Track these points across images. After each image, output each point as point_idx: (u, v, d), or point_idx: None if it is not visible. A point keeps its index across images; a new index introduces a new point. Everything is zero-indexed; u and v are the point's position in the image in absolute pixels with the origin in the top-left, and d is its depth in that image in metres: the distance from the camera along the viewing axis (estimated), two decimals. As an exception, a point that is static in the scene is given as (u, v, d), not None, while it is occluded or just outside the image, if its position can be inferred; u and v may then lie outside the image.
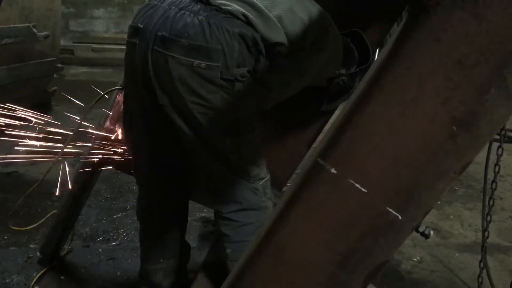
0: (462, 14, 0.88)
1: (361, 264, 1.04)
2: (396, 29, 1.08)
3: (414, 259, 2.67)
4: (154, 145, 1.82)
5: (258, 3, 1.58)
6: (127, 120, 1.87)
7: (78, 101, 2.53)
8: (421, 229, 1.33)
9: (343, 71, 1.99)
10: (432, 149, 0.94)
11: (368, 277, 1.05)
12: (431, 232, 1.09)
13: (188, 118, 1.62)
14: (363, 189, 0.98)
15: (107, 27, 8.77)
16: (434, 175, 0.96)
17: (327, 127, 2.14)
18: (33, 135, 2.26)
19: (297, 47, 1.65)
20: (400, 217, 0.99)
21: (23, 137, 2.23)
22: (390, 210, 0.99)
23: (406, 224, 1.01)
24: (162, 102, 1.63)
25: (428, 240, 1.62)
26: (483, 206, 1.72)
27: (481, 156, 1.57)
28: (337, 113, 1.82)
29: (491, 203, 1.56)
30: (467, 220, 3.14)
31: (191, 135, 1.65)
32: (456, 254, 2.74)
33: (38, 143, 2.24)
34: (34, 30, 4.43)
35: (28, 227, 2.65)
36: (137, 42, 1.63)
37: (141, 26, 1.62)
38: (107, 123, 2.24)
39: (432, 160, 0.95)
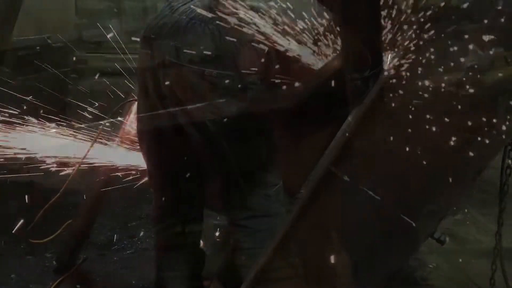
0: (470, 22, 0.88)
1: (375, 271, 1.03)
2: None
3: (430, 266, 2.64)
4: (166, 153, 1.83)
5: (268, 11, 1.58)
6: (140, 129, 1.88)
7: (93, 111, 2.56)
8: (436, 235, 1.32)
9: (356, 75, 1.98)
10: (445, 156, 0.94)
11: (382, 284, 1.05)
12: (447, 238, 1.08)
13: (200, 126, 1.63)
14: (376, 197, 0.98)
15: (120, 37, 8.85)
16: (448, 181, 0.95)
17: (339, 133, 2.13)
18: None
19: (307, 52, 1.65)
20: (414, 224, 0.98)
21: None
22: (404, 217, 0.98)
23: (420, 231, 1.00)
24: (173, 111, 1.64)
25: (444, 246, 1.60)
26: (499, 211, 1.72)
27: (498, 161, 1.56)
28: (349, 119, 1.81)
29: (503, 206, 1.56)
30: (483, 225, 3.09)
31: (203, 143, 1.66)
32: (473, 261, 2.69)
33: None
34: (49, 41, 4.49)
35: (46, 239, 2.67)
36: (149, 52, 1.64)
37: (153, 36, 1.63)
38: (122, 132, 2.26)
39: (445, 167, 0.94)
